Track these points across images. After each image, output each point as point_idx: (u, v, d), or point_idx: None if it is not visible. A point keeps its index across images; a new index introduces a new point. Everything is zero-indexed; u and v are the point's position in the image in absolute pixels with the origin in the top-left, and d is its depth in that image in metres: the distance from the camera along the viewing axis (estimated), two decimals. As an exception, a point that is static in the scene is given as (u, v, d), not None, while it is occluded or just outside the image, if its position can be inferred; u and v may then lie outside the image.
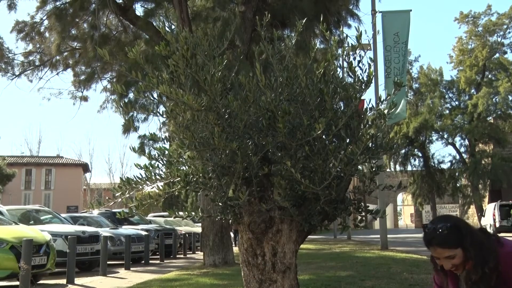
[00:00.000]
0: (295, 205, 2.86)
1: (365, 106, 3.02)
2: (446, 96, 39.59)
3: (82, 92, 16.37)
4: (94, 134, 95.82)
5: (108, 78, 16.09)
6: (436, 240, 2.33)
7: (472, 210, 40.03)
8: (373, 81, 3.04)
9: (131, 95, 13.18)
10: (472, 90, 38.15)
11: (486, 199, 35.98)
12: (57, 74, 15.91)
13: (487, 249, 2.32)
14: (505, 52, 38.35)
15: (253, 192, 2.89)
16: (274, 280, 2.94)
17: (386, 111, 3.01)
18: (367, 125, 2.99)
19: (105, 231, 12.22)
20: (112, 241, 12.41)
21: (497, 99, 36.36)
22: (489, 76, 38.30)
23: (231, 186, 2.79)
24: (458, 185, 38.69)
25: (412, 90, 39.15)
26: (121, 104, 3.15)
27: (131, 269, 11.13)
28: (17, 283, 7.33)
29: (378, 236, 15.61)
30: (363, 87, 2.93)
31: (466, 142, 38.46)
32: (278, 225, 2.95)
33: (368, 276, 7.43)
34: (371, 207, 3.28)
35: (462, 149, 39.14)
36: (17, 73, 15.58)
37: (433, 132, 38.45)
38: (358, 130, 2.91)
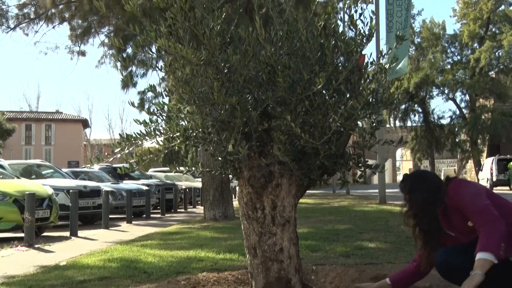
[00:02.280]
0: (295, 159, 2.87)
1: (366, 61, 2.98)
2: (448, 51, 39.11)
3: (79, 47, 16.17)
4: (93, 90, 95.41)
5: (105, 33, 15.85)
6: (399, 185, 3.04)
7: (470, 164, 40.37)
8: (374, 35, 2.99)
9: (129, 50, 13.01)
10: (475, 44, 37.63)
11: (485, 154, 36.21)
12: (53, 27, 15.66)
13: (426, 199, 2.84)
14: (511, 4, 37.54)
15: (253, 147, 2.89)
16: (274, 233, 2.99)
17: (387, 66, 2.98)
18: (368, 80, 2.97)
19: (106, 186, 12.36)
20: (114, 195, 12.56)
21: (500, 53, 35.91)
22: (493, 29, 37.65)
23: (231, 141, 2.79)
24: (457, 140, 38.83)
25: (414, 45, 38.60)
26: (120, 58, 3.11)
27: (133, 222, 11.32)
28: (22, 234, 7.49)
29: (377, 190, 15.81)
30: (364, 41, 2.89)
31: (467, 97, 38.30)
32: (277, 180, 2.98)
33: (366, 229, 7.56)
34: (370, 162, 3.30)
35: (463, 104, 39.04)
36: (12, 26, 15.32)
37: (433, 88, 38.22)
38: (358, 85, 2.89)
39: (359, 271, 3.62)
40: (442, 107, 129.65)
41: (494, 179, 25.78)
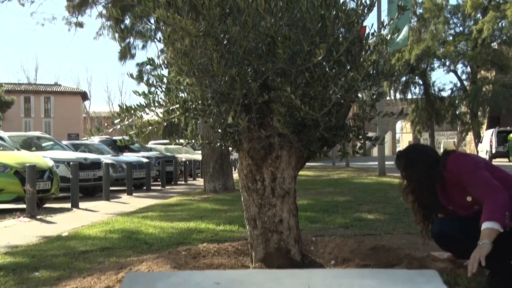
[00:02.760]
0: (295, 131, 2.86)
1: (367, 32, 2.95)
2: (451, 22, 38.59)
3: (76, 18, 15.95)
4: (92, 62, 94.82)
5: (103, 3, 15.61)
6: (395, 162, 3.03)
7: (470, 137, 40.38)
8: (375, 5, 2.95)
9: (127, 21, 12.86)
10: (478, 15, 37.09)
11: (485, 126, 36.18)
12: (50, -3, 15.40)
13: (423, 175, 2.83)
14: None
15: (253, 118, 2.89)
16: (274, 204, 3.01)
17: (388, 37, 2.95)
18: (369, 51, 2.94)
19: (106, 158, 12.39)
20: (114, 168, 12.61)
21: (503, 24, 35.42)
22: (497, -1, 37.03)
23: (231, 113, 2.78)
24: (457, 112, 38.74)
25: (416, 16, 38.08)
26: (117, 29, 3.08)
27: (133, 194, 11.39)
28: (24, 206, 7.56)
29: (376, 163, 15.86)
30: (365, 11, 2.85)
31: (468, 69, 38.02)
32: (277, 151, 2.98)
33: (365, 201, 7.62)
34: (370, 134, 3.29)
35: (464, 76, 38.79)
36: (7, -5, 15.06)
37: (435, 59, 37.90)
38: (359, 56, 2.86)
39: (358, 242, 3.66)
40: (443, 79, 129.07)
41: (493, 151, 25.85)
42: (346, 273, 1.58)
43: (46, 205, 8.93)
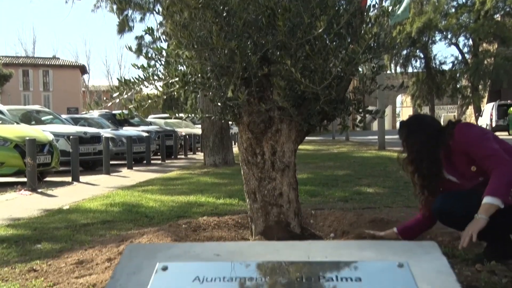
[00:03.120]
0: (295, 105, 2.85)
1: (368, 4, 2.91)
2: (453, -7, 38.07)
3: (74, -11, 15.72)
4: (90, 35, 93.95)
5: (100, -26, 15.38)
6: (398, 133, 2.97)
7: (470, 110, 40.31)
8: (378, -24, 2.90)
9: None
10: (482, -14, 36.54)
11: (485, 100, 36.06)
12: (47, -31, 15.15)
13: (425, 146, 2.79)
14: None
15: (252, 92, 2.87)
16: (273, 178, 3.02)
17: (390, 9, 2.91)
18: (370, 24, 2.90)
19: (106, 132, 12.39)
20: (114, 141, 12.63)
21: (507, -6, 34.92)
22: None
23: (230, 86, 2.76)
24: (458, 86, 38.57)
25: (418, -12, 37.55)
26: (115, 1, 3.03)
27: (134, 168, 11.43)
28: (25, 179, 7.60)
29: (376, 137, 15.88)
30: (367, -18, 2.81)
31: (470, 42, 37.66)
32: (277, 125, 2.97)
33: (365, 174, 7.66)
34: (370, 108, 3.28)
35: (465, 50, 38.46)
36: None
37: (436, 32, 37.52)
38: (360, 29, 2.83)
39: (357, 215, 3.69)
40: (444, 53, 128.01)
41: (494, 124, 25.85)
42: (346, 244, 1.60)
43: (47, 179, 8.98)
